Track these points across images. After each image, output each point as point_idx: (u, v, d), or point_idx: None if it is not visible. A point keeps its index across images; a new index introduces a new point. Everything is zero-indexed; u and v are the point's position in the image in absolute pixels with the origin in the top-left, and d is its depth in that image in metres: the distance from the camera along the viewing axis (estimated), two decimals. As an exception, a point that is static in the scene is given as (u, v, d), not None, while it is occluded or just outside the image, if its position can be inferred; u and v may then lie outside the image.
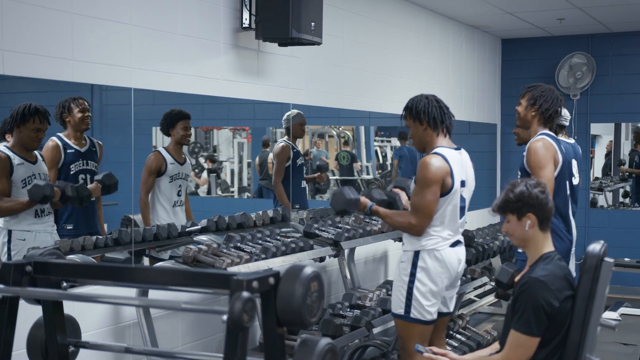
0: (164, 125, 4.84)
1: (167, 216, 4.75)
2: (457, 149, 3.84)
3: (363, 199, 4.01)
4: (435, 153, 3.72)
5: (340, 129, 10.25)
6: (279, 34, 4.41)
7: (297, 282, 2.00)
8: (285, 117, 5.47)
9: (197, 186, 7.84)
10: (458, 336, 5.26)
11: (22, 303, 2.26)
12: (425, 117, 3.77)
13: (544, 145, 4.08)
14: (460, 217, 3.82)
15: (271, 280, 2.00)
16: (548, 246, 3.05)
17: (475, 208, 8.15)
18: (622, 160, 9.11)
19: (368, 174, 9.26)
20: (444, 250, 3.74)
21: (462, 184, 3.80)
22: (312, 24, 4.48)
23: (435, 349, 3.16)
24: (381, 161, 10.21)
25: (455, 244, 3.80)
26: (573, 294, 2.92)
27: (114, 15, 3.74)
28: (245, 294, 1.87)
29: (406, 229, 3.74)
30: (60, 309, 2.30)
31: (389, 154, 10.53)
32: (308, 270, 2.04)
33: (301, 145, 5.86)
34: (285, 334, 3.68)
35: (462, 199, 3.81)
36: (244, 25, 4.55)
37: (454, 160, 3.74)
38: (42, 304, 2.28)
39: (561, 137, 4.51)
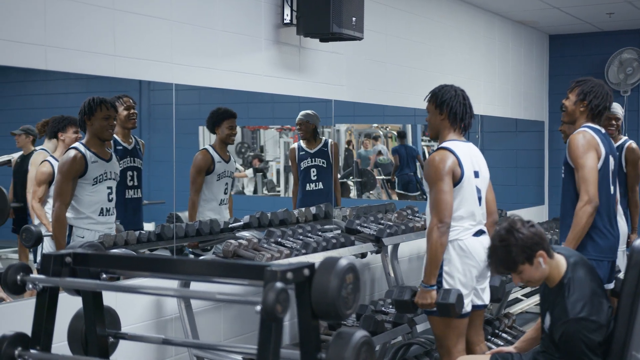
0: (210, 123, 4.87)
1: (213, 214, 4.77)
2: (465, 142, 3.82)
3: (418, 293, 3.73)
4: (442, 148, 3.72)
5: (388, 128, 10.18)
6: (319, 30, 4.41)
7: (332, 274, 1.99)
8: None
9: (244, 185, 7.85)
10: (504, 335, 5.18)
11: (64, 295, 2.28)
12: (447, 109, 3.76)
13: (583, 136, 4.01)
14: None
15: (306, 271, 1.98)
16: (562, 266, 3.02)
17: (523, 207, 8.03)
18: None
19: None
20: (467, 239, 3.69)
21: (476, 174, 3.77)
22: (354, 19, 4.46)
23: None
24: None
25: (479, 233, 3.75)
26: (606, 295, 2.87)
27: (154, 11, 3.77)
28: (279, 284, 1.86)
29: (439, 235, 3.59)
30: (99, 300, 2.31)
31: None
32: (343, 262, 2.03)
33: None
34: (326, 328, 3.65)
35: (478, 190, 3.78)
36: (285, 21, 4.56)
37: (462, 152, 3.73)
38: (82, 295, 2.30)
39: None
